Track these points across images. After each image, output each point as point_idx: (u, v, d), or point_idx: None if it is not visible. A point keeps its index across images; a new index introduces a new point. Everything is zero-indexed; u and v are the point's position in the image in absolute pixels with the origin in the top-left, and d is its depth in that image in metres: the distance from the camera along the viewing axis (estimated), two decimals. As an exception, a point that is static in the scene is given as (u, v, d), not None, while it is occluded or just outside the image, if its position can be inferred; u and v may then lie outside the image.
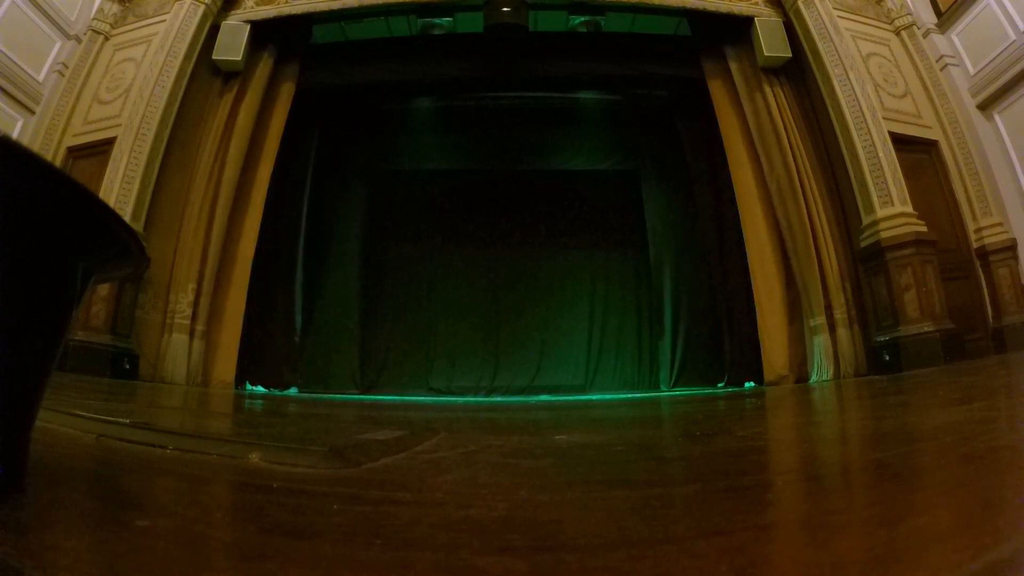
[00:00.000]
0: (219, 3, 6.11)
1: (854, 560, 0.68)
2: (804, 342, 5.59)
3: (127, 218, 4.98)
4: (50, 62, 5.88)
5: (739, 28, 6.21)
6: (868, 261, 5.27)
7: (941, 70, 5.93)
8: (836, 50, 5.62)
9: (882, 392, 3.52)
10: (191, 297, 5.59)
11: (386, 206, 7.70)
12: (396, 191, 7.84)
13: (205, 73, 6.05)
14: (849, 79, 5.50)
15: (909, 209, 5.14)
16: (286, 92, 6.33)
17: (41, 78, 5.80)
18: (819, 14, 5.78)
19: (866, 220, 5.27)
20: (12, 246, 0.80)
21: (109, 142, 5.44)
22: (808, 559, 0.70)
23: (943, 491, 1.03)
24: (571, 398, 6.13)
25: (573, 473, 1.45)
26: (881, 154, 5.25)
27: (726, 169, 6.29)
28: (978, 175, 5.58)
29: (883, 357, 4.95)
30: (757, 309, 5.86)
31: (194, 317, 5.57)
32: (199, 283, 5.65)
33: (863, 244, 5.30)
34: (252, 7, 6.22)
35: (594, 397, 6.21)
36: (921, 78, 5.88)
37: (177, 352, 5.39)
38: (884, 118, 5.43)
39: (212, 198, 5.83)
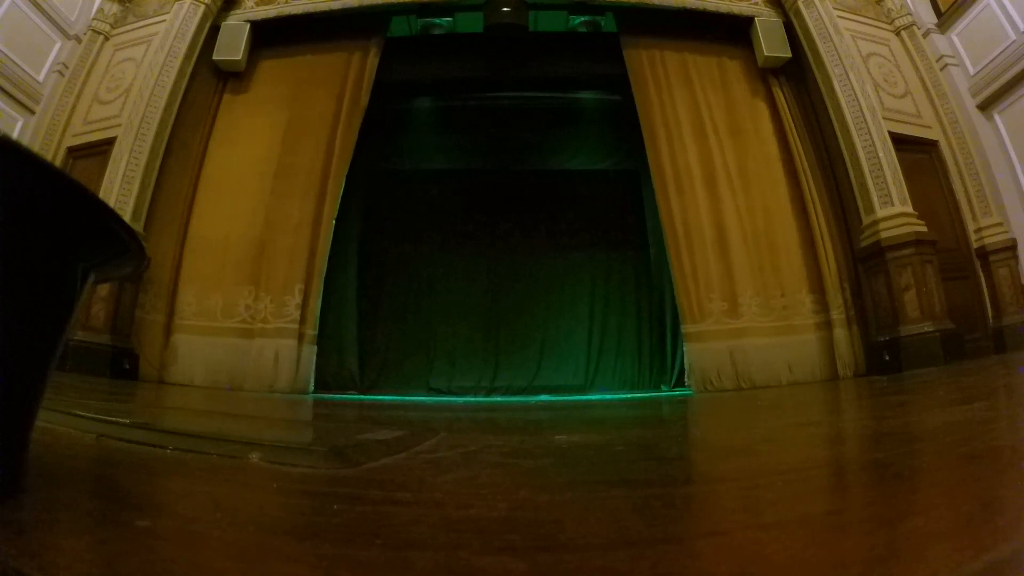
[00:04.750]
0: (219, 3, 6.11)
1: (854, 560, 0.68)
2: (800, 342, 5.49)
3: (127, 218, 4.98)
4: (50, 62, 5.87)
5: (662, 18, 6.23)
6: (868, 261, 5.27)
7: (941, 70, 5.93)
8: (836, 50, 5.62)
9: (882, 392, 3.52)
10: (298, 300, 5.34)
11: (386, 206, 7.69)
12: (396, 191, 7.83)
13: (206, 73, 6.05)
14: (849, 79, 5.50)
15: (909, 209, 5.13)
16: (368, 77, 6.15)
17: (41, 78, 5.80)
18: (819, 14, 5.78)
19: (866, 220, 5.26)
20: (12, 246, 0.80)
21: (109, 142, 5.44)
22: (808, 559, 0.70)
23: (943, 491, 1.03)
24: (571, 398, 6.12)
25: (573, 473, 1.45)
26: (881, 154, 5.25)
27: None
28: (978, 175, 5.58)
29: (883, 357, 4.94)
30: None
31: (303, 321, 5.33)
32: (307, 283, 5.43)
33: (863, 244, 5.29)
34: (252, 7, 6.22)
35: (594, 397, 6.20)
36: (921, 78, 5.88)
37: (284, 357, 5.17)
38: (884, 118, 5.43)
39: (319, 197, 5.68)
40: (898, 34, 6.08)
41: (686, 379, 5.40)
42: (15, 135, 5.31)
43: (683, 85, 6.09)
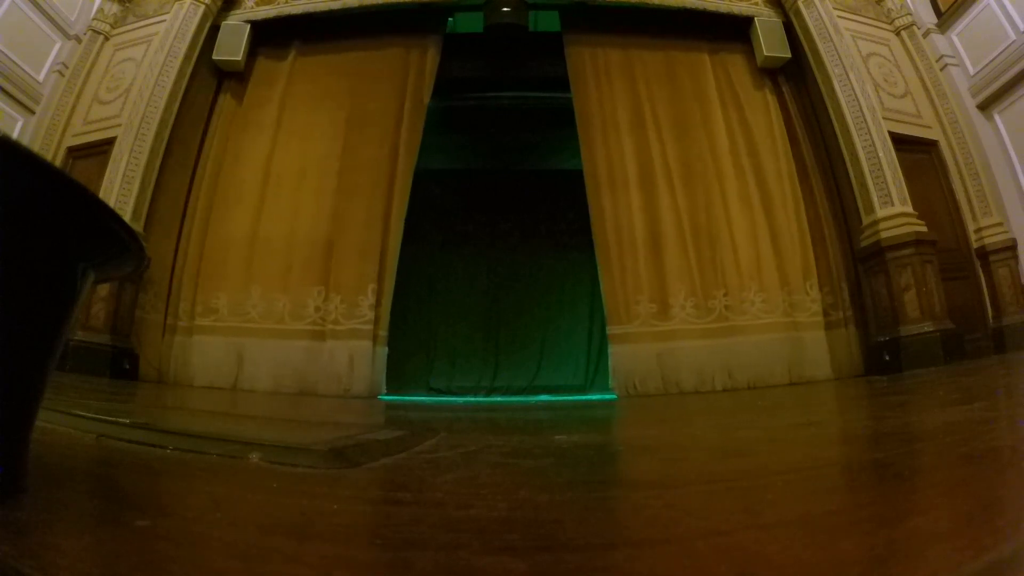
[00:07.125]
0: (219, 3, 6.10)
1: (854, 560, 0.68)
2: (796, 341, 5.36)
3: (127, 218, 4.97)
4: (50, 62, 5.87)
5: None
6: (868, 261, 5.27)
7: (941, 70, 5.93)
8: (836, 50, 5.62)
9: (882, 392, 3.52)
10: (372, 300, 5.17)
11: (386, 206, 7.69)
12: (396, 191, 7.82)
13: (205, 73, 6.05)
14: (849, 79, 5.50)
15: (909, 209, 5.13)
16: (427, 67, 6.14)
17: (41, 78, 5.79)
18: (819, 14, 5.77)
19: (866, 220, 5.26)
20: (12, 246, 0.80)
21: (109, 142, 5.43)
22: (808, 559, 0.70)
23: (943, 491, 1.03)
24: (571, 398, 6.13)
25: (573, 473, 1.45)
26: (881, 154, 5.25)
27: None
28: (978, 175, 5.57)
29: (883, 357, 4.94)
30: None
31: (376, 321, 5.14)
32: (380, 283, 5.27)
33: (863, 244, 5.29)
34: (252, 7, 6.22)
35: (594, 397, 6.20)
36: (921, 78, 5.88)
37: (359, 360, 4.99)
38: (884, 118, 5.43)
39: (387, 193, 5.58)
40: (898, 34, 6.08)
41: (610, 382, 5.21)
42: (15, 135, 5.30)
43: (625, 81, 5.99)
